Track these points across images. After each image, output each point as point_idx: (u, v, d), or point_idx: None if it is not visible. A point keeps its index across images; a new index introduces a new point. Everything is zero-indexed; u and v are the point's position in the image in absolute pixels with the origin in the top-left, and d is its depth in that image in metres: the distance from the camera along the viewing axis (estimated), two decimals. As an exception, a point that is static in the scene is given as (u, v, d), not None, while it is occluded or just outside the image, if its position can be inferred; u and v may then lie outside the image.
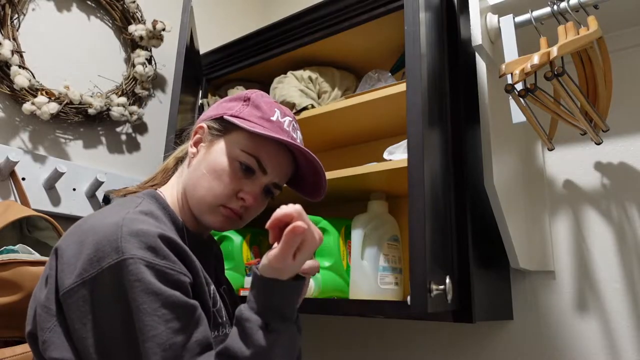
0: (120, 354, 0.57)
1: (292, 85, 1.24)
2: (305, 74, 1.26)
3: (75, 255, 0.60)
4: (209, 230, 0.81)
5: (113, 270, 0.57)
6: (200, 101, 1.40)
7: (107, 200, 0.77)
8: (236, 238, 1.32)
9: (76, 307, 0.57)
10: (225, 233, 1.32)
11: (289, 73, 1.29)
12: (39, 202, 1.15)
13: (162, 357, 0.55)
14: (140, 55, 1.41)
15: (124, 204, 0.68)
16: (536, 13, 0.93)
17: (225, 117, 0.75)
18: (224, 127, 0.76)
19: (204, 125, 0.77)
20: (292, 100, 1.21)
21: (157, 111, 1.50)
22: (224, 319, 0.73)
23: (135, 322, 0.56)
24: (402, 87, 1.02)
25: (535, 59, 0.82)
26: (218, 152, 0.74)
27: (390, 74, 1.24)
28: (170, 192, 0.77)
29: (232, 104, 0.77)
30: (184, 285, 0.61)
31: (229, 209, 0.73)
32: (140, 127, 1.46)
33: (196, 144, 0.77)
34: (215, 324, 0.69)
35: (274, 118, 0.74)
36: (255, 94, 0.78)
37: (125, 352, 0.57)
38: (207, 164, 0.74)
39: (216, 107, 0.79)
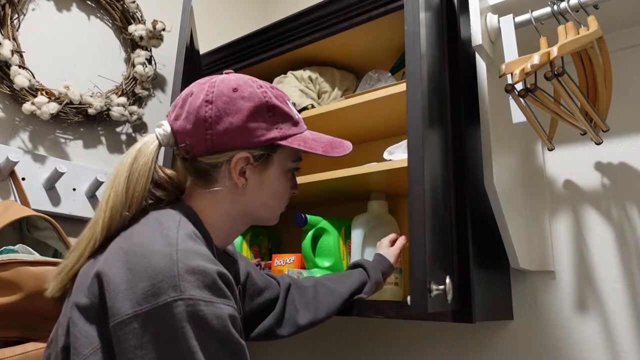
0: None
1: (292, 85, 1.24)
2: (305, 74, 1.26)
3: (126, 283, 0.58)
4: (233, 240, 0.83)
5: (170, 307, 0.55)
6: (200, 101, 1.40)
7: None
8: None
9: (125, 340, 0.55)
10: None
11: (289, 73, 1.29)
12: (39, 202, 1.15)
13: None
14: (140, 55, 1.41)
15: (164, 221, 0.66)
16: (536, 13, 0.93)
17: (275, 142, 0.73)
18: (271, 149, 0.74)
19: (248, 155, 0.71)
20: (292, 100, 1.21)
21: (157, 111, 1.50)
22: None
23: None
24: (402, 87, 1.02)
25: (535, 59, 0.82)
26: (274, 175, 0.76)
27: (390, 74, 1.24)
28: (207, 211, 0.73)
29: (262, 121, 0.71)
30: (236, 320, 0.61)
31: None
32: (140, 127, 1.46)
33: (242, 174, 0.73)
34: None
35: (295, 115, 0.77)
36: (268, 93, 0.73)
37: None
38: (267, 189, 0.76)
39: (239, 123, 0.70)
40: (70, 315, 0.61)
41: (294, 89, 1.24)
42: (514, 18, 0.95)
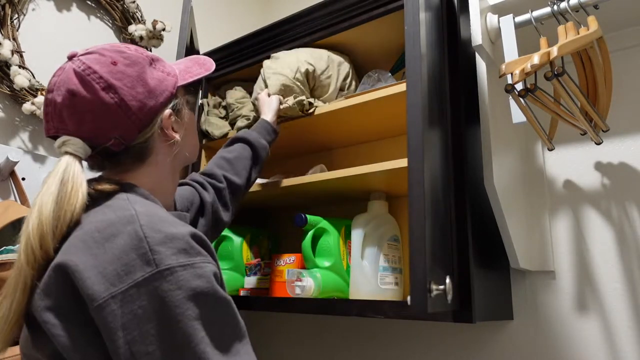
0: None
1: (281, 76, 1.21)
2: (303, 67, 1.21)
3: (93, 268, 0.55)
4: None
5: (147, 283, 0.54)
6: (200, 101, 1.40)
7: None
8: (236, 238, 1.32)
9: (105, 323, 0.54)
10: (225, 233, 1.32)
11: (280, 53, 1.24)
12: (39, 202, 1.15)
13: (218, 354, 0.55)
14: (140, 55, 1.40)
15: (112, 204, 0.63)
16: (536, 13, 0.93)
17: (178, 85, 0.74)
18: (175, 94, 0.74)
19: (169, 110, 0.72)
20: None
21: (157, 111, 1.50)
22: None
23: (177, 331, 0.54)
24: (402, 87, 1.02)
25: (535, 59, 0.82)
26: (186, 115, 0.78)
27: (390, 74, 1.24)
28: (148, 182, 0.72)
29: (156, 75, 0.71)
30: (217, 275, 0.60)
31: None
32: (140, 127, 1.46)
33: (174, 129, 0.74)
34: None
35: (158, 56, 0.77)
36: (138, 50, 0.72)
37: None
38: (189, 130, 0.79)
39: (146, 89, 0.69)
40: (44, 320, 0.57)
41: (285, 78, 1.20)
42: (514, 18, 0.95)
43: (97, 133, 0.66)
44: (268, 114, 1.13)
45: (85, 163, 0.69)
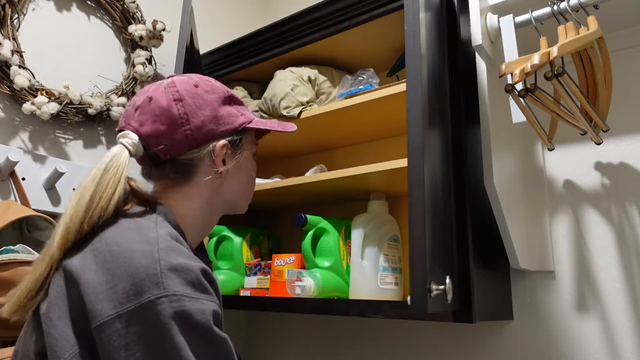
0: None
1: (287, 80, 1.23)
2: (305, 73, 1.25)
3: (105, 284, 0.57)
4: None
5: (153, 305, 0.55)
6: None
7: None
8: (236, 238, 1.32)
9: (108, 342, 0.54)
10: (225, 233, 1.32)
11: (287, 69, 1.28)
12: (39, 202, 1.15)
13: None
14: (140, 55, 1.41)
15: (140, 222, 0.65)
16: (536, 13, 0.93)
17: (246, 126, 0.77)
18: (242, 133, 0.78)
19: (226, 142, 0.75)
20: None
21: (157, 111, 1.50)
22: None
23: (174, 358, 0.55)
24: (402, 87, 1.02)
25: (535, 59, 0.82)
26: (246, 159, 0.80)
27: (371, 70, 1.20)
28: (183, 208, 0.73)
29: (228, 109, 0.76)
30: (219, 315, 0.61)
31: None
32: (140, 127, 1.46)
33: (224, 162, 0.75)
34: None
35: (244, 103, 0.82)
36: (223, 86, 0.78)
37: None
38: (243, 174, 0.80)
39: (212, 114, 0.74)
40: (47, 316, 0.58)
41: (289, 84, 1.22)
42: (514, 18, 0.95)
43: (152, 135, 0.71)
44: None
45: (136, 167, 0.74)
